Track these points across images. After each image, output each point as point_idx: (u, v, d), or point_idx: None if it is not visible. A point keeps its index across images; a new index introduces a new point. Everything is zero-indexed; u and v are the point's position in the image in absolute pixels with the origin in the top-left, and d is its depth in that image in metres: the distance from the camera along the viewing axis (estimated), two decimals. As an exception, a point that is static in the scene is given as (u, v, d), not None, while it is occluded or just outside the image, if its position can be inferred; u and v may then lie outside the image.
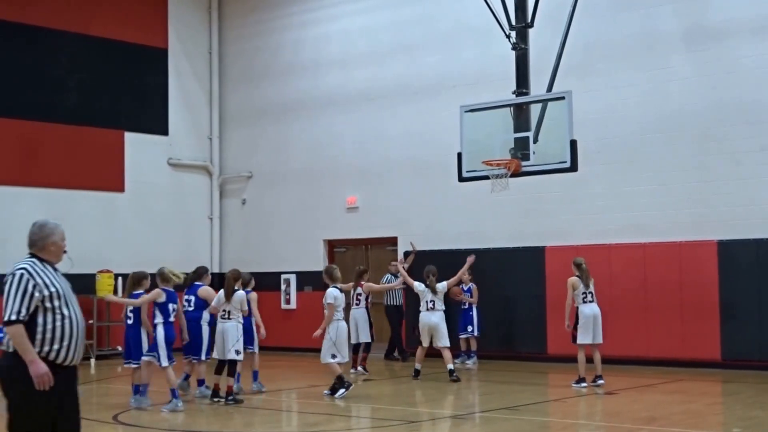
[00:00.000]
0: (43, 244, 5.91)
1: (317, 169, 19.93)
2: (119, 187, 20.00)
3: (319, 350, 12.53)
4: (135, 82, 20.51)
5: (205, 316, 12.47)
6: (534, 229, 16.85)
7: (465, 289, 16.47)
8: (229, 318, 11.96)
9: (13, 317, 5.58)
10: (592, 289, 13.26)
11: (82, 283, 19.00)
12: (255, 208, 21.16)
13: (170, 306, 11.64)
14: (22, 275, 5.68)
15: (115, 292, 18.97)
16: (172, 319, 11.63)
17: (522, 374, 15.25)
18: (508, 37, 13.95)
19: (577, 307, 13.26)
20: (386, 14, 19.16)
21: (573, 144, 12.69)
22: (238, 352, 11.87)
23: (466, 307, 16.46)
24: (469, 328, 16.39)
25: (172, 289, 11.79)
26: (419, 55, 18.53)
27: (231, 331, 11.90)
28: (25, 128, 18.76)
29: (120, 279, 18.98)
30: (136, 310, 11.90)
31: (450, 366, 14.12)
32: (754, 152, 14.89)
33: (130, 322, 11.94)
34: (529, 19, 13.97)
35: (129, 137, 20.20)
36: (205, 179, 21.62)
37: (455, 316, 16.40)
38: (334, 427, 10.78)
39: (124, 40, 20.22)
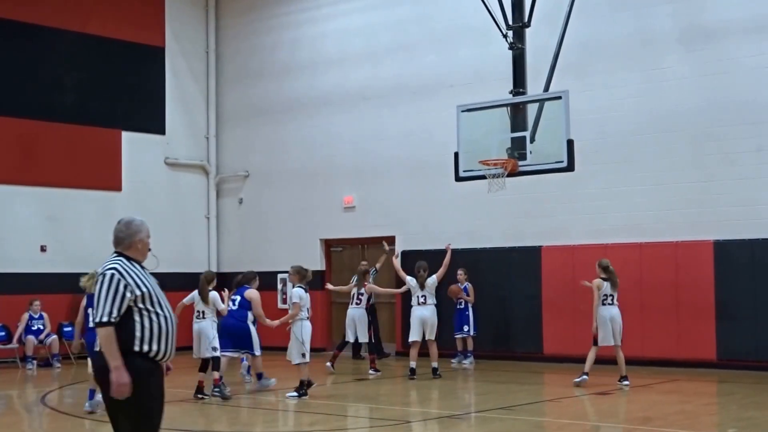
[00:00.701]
0: (130, 242, 5.73)
1: (314, 168, 19.93)
2: (116, 186, 19.99)
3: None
4: (132, 81, 20.51)
5: (249, 315, 13.05)
6: (530, 228, 16.86)
7: (461, 288, 16.50)
8: (203, 318, 12.41)
9: (105, 319, 5.44)
10: (614, 292, 13.21)
11: (77, 283, 19.01)
12: (252, 207, 21.16)
13: (89, 311, 11.59)
14: (113, 275, 5.51)
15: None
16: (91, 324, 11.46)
17: (518, 374, 15.26)
18: (505, 36, 13.94)
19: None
20: (383, 13, 19.16)
21: (570, 144, 12.69)
22: (215, 349, 12.32)
23: (462, 306, 16.48)
24: (465, 328, 16.42)
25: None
26: (416, 54, 18.54)
27: (206, 330, 12.36)
28: (23, 127, 18.76)
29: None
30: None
31: (434, 364, 14.35)
32: (751, 152, 14.91)
33: None
34: (526, 19, 13.97)
35: (126, 136, 20.20)
36: (201, 178, 21.62)
37: (451, 315, 16.41)
38: (331, 427, 10.78)
39: (121, 38, 20.22)
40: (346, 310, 15.85)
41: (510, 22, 13.95)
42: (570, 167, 12.81)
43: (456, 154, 13.61)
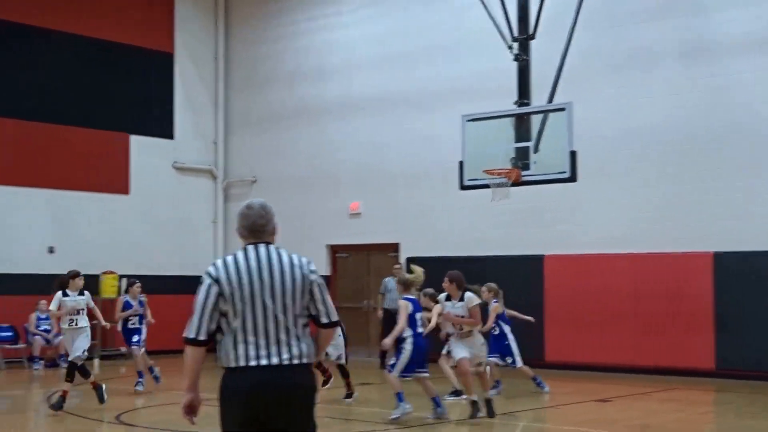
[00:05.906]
0: (273, 228, 4.78)
1: (320, 174, 20.12)
2: (124, 189, 20.21)
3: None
4: (141, 85, 20.73)
5: None
6: (534, 237, 17.02)
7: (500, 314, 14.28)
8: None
9: (335, 317, 4.59)
10: None
11: (86, 285, 19.11)
12: (258, 212, 21.29)
13: (417, 315, 10.61)
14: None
15: (119, 293, 19.12)
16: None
17: (519, 381, 15.36)
18: (510, 48, 14.13)
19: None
20: (390, 23, 19.37)
21: (573, 154, 12.88)
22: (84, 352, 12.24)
23: (498, 333, 14.15)
24: (509, 359, 13.84)
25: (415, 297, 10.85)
26: (423, 64, 18.73)
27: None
28: (32, 130, 18.98)
29: (124, 280, 19.13)
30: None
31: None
32: (753, 166, 15.06)
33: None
34: (531, 31, 14.16)
35: (134, 140, 20.42)
36: (209, 183, 21.81)
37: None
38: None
39: (131, 44, 20.45)
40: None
41: (515, 34, 14.15)
42: (573, 178, 13.00)
43: (461, 163, 13.80)
